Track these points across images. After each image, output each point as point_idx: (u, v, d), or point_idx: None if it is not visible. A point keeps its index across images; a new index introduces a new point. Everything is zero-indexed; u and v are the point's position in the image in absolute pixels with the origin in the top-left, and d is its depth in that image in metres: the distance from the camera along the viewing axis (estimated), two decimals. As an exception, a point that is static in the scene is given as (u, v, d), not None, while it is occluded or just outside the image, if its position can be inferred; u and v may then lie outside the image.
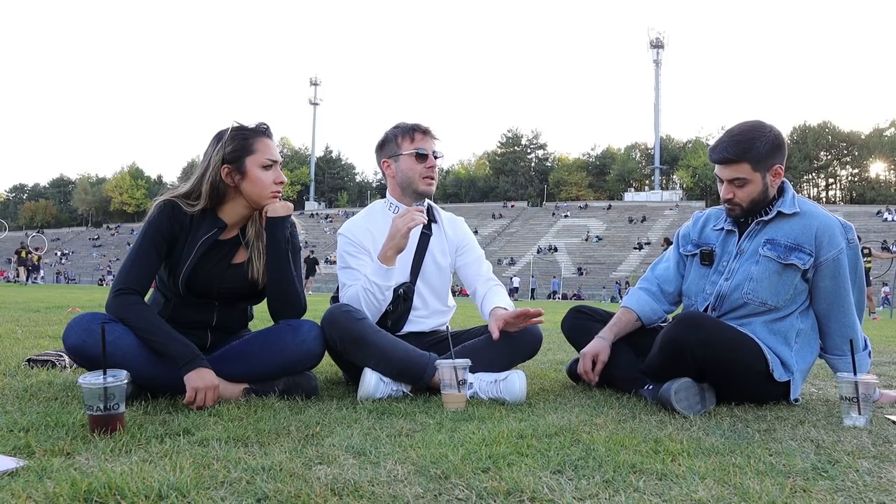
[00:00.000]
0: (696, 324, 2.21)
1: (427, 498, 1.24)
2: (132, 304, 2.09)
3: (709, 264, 2.50)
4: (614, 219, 58.67)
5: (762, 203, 2.37)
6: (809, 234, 2.32)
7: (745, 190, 2.32)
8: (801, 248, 2.32)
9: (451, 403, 2.13)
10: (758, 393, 2.35)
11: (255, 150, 2.21)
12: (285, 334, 2.26)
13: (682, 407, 2.10)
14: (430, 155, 2.61)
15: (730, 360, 2.21)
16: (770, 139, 2.29)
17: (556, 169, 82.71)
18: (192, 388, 1.98)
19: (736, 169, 2.29)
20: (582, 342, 2.65)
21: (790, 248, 2.33)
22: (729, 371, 2.23)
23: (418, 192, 2.62)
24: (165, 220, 2.18)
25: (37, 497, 1.17)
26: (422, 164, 2.60)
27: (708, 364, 2.19)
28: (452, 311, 2.81)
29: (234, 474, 1.33)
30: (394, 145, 2.64)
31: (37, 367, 2.78)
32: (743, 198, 2.34)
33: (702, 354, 2.17)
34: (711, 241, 2.53)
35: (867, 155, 71.47)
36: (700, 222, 2.62)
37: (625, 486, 1.33)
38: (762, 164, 2.29)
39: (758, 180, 2.31)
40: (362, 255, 2.59)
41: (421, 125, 2.64)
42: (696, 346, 2.16)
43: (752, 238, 2.41)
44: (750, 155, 2.27)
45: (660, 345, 2.27)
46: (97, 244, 70.83)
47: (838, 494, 1.31)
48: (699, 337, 2.17)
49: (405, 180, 2.62)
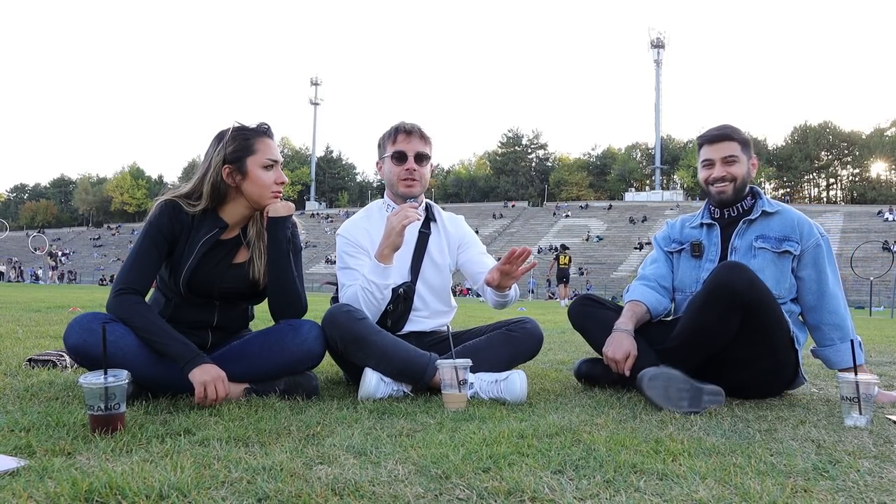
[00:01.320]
0: (739, 266, 2.30)
1: (428, 498, 1.24)
2: (133, 304, 2.09)
3: (699, 255, 2.65)
4: (615, 219, 58.62)
5: (742, 191, 2.60)
6: (792, 226, 2.56)
7: (735, 167, 2.55)
8: (789, 238, 2.54)
9: (451, 403, 2.13)
10: (782, 360, 2.41)
11: (256, 150, 2.21)
12: (286, 334, 2.26)
13: (653, 395, 2.15)
14: (410, 157, 2.60)
15: (769, 307, 2.31)
16: (746, 134, 2.62)
17: (556, 169, 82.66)
18: (199, 383, 1.97)
19: (728, 146, 2.56)
20: (590, 329, 2.68)
21: (780, 240, 2.54)
22: (768, 318, 2.30)
23: (398, 193, 2.63)
24: (166, 220, 2.18)
25: (38, 497, 1.17)
26: (400, 166, 2.60)
27: (753, 307, 2.25)
28: (453, 311, 2.81)
29: (234, 474, 1.33)
30: (382, 147, 2.67)
31: (38, 367, 2.79)
32: (736, 174, 2.55)
33: (749, 295, 2.24)
34: (695, 236, 2.70)
35: (868, 155, 71.40)
36: (676, 226, 2.82)
37: (625, 485, 1.33)
38: (746, 148, 2.60)
39: (744, 162, 2.58)
40: (361, 255, 2.59)
41: (404, 126, 2.63)
42: (746, 287, 2.24)
43: (742, 236, 2.58)
44: (738, 136, 2.58)
45: (704, 296, 2.31)
46: (98, 244, 70.85)
47: (839, 494, 1.31)
48: (748, 276, 2.26)
49: (388, 182, 2.67)
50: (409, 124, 2.64)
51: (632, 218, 57.09)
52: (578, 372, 2.79)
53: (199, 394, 1.97)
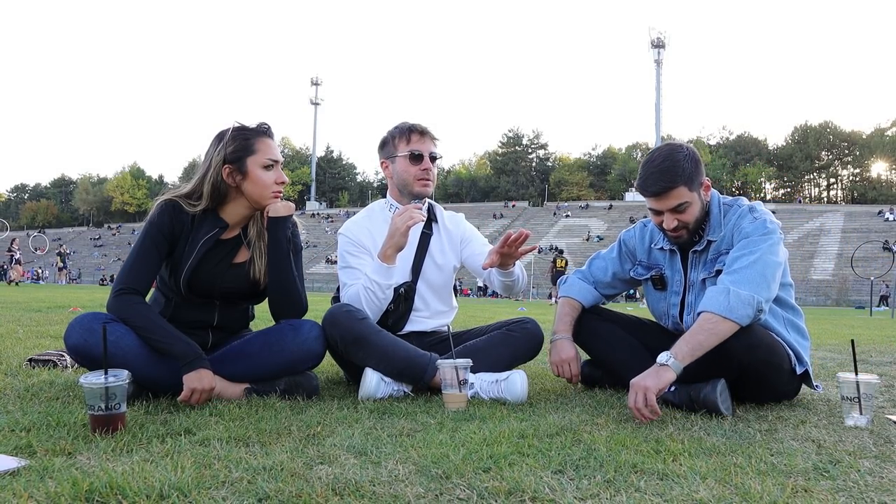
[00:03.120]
0: (741, 328, 2.13)
1: (428, 498, 1.24)
2: (133, 304, 2.10)
3: (662, 288, 2.53)
4: (615, 219, 58.62)
5: (702, 219, 2.36)
6: (729, 239, 2.33)
7: (688, 213, 2.30)
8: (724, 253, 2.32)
9: (452, 403, 2.13)
10: (784, 391, 2.37)
11: (256, 150, 2.21)
12: (286, 334, 2.26)
13: (726, 408, 2.10)
14: (426, 156, 2.60)
15: (769, 362, 2.21)
16: (689, 157, 2.28)
17: (557, 169, 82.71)
18: (189, 387, 1.99)
19: (675, 195, 2.26)
20: (588, 343, 2.65)
21: (713, 260, 2.35)
22: (766, 371, 2.22)
23: (414, 193, 2.62)
24: (167, 219, 2.18)
25: (38, 497, 1.17)
26: (416, 166, 2.60)
27: (752, 368, 2.17)
28: (454, 311, 2.81)
29: (235, 474, 1.33)
30: (391, 146, 2.64)
31: (38, 367, 2.79)
32: (688, 220, 2.31)
33: (747, 359, 2.14)
34: (659, 261, 2.55)
35: (868, 155, 71.43)
36: (647, 239, 2.60)
37: (626, 485, 1.33)
38: (693, 182, 2.28)
39: (696, 199, 2.30)
40: (363, 254, 2.59)
41: (418, 126, 2.63)
42: (742, 351, 2.13)
43: (696, 268, 2.42)
44: (682, 178, 2.25)
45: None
46: (98, 244, 70.87)
47: (840, 494, 1.31)
48: (747, 341, 2.13)
49: (401, 182, 2.63)
50: (421, 125, 2.64)
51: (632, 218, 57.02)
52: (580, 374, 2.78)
53: (185, 396, 1.99)
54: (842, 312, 20.09)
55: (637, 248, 2.64)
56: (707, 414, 2.10)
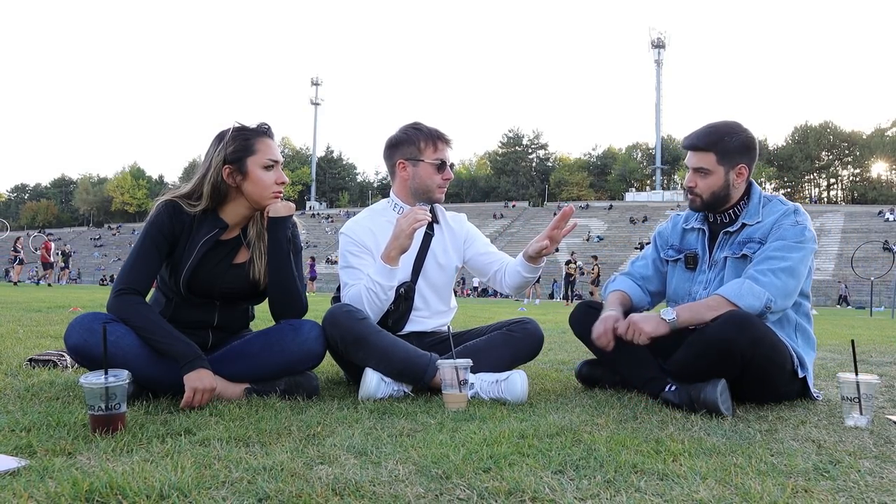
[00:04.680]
0: (745, 323, 2.14)
1: (428, 498, 1.24)
2: (133, 304, 2.10)
3: (693, 267, 2.55)
4: (615, 219, 58.58)
5: (723, 200, 2.41)
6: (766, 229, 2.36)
7: (706, 181, 2.37)
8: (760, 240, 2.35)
9: (452, 403, 2.13)
10: (785, 391, 2.37)
11: (256, 150, 2.21)
12: (286, 334, 2.26)
13: (726, 408, 2.10)
14: (448, 166, 2.63)
15: (771, 359, 2.21)
16: (742, 138, 2.35)
17: (557, 169, 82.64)
18: (190, 388, 1.99)
19: (702, 157, 2.35)
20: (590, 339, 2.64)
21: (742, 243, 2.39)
22: (769, 369, 2.22)
23: (432, 199, 2.64)
24: (167, 220, 2.18)
25: (38, 497, 1.17)
26: (440, 175, 2.61)
27: (754, 363, 2.16)
28: (454, 311, 2.81)
29: (235, 474, 1.33)
30: (415, 149, 2.60)
31: (38, 367, 2.79)
32: (703, 189, 2.38)
33: (751, 354, 2.14)
34: (692, 244, 2.59)
35: (869, 155, 71.38)
36: (679, 225, 2.66)
37: (626, 486, 1.33)
38: (728, 158, 2.34)
39: (720, 174, 2.35)
40: (364, 254, 2.59)
41: (445, 134, 2.64)
42: (746, 346, 2.12)
43: (723, 248, 2.46)
44: (718, 146, 2.33)
45: (702, 345, 2.19)
46: (98, 244, 70.85)
47: (840, 495, 1.31)
48: (751, 335, 2.13)
49: (422, 186, 2.62)
50: (444, 132, 2.65)
51: (632, 218, 57.04)
52: (579, 373, 2.78)
53: (188, 398, 1.98)
54: (842, 313, 20.09)
55: (669, 235, 2.70)
56: (707, 414, 2.10)
